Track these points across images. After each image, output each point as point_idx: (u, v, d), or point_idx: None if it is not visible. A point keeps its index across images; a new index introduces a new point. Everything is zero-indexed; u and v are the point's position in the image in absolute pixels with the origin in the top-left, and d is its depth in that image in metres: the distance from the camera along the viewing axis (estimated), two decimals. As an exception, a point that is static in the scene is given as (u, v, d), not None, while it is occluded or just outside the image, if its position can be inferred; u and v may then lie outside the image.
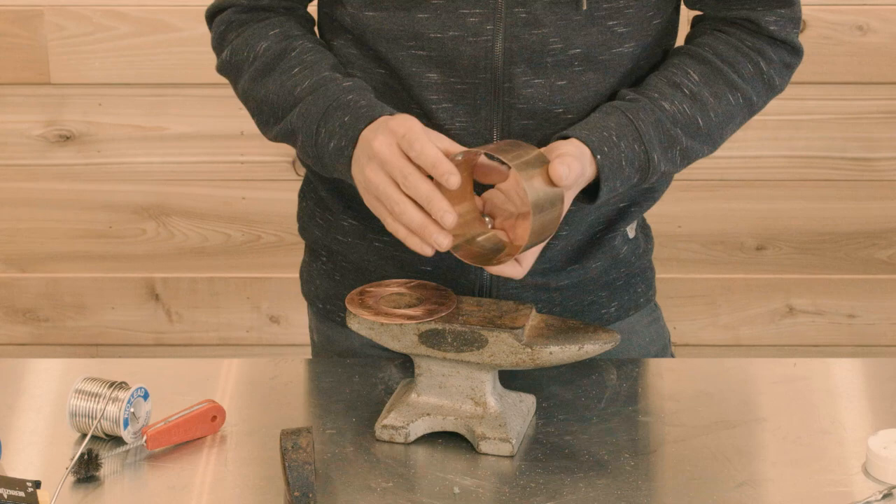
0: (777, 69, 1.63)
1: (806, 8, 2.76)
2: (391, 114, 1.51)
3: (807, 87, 2.80)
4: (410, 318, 1.48)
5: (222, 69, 1.67)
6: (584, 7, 1.54)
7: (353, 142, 1.50)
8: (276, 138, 1.62)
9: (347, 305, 1.51)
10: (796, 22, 1.62)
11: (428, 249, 1.44)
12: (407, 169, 1.43)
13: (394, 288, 1.54)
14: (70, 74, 2.85)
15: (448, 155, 1.44)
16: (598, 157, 1.51)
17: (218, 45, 1.67)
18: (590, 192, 1.54)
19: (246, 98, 1.64)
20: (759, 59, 1.61)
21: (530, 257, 1.49)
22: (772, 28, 1.60)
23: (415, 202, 1.43)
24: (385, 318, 1.48)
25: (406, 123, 1.45)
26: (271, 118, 1.61)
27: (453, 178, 1.40)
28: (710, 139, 1.61)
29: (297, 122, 1.56)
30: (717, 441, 1.51)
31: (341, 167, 1.52)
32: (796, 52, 1.64)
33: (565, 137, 1.53)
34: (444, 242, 1.43)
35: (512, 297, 1.68)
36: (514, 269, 1.48)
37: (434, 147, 1.42)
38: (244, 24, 1.65)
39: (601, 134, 1.52)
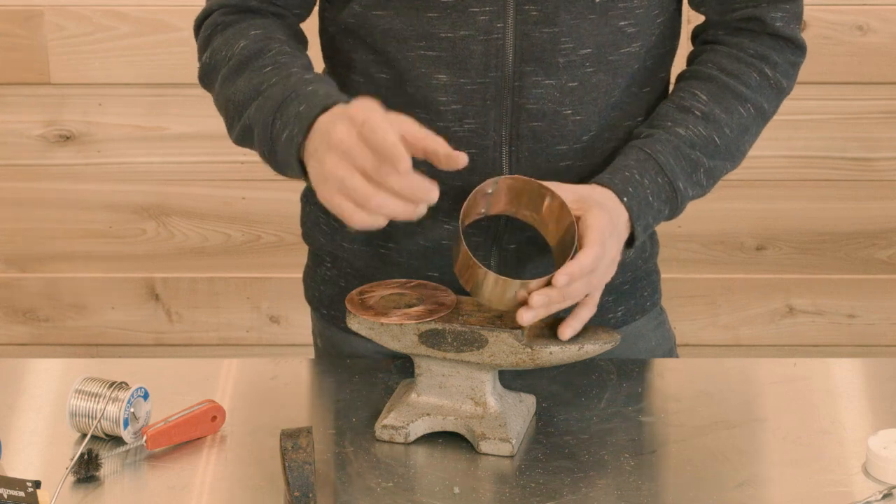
0: (783, 71, 1.63)
1: (806, 8, 2.74)
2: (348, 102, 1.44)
3: (807, 87, 2.80)
4: (410, 317, 1.48)
5: (202, 75, 1.63)
6: (598, 0, 1.53)
7: (305, 130, 1.42)
8: (237, 139, 1.56)
9: (347, 305, 1.50)
10: (799, 18, 1.62)
11: (422, 209, 1.37)
12: (371, 162, 1.35)
13: (394, 288, 1.54)
14: (70, 74, 2.85)
15: (413, 139, 1.37)
16: (625, 199, 1.52)
17: (201, 49, 1.64)
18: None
19: (218, 99, 1.59)
20: (764, 65, 1.61)
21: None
22: (777, 24, 1.60)
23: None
24: (385, 318, 1.48)
25: (365, 106, 1.38)
26: (235, 116, 1.55)
27: (403, 164, 1.33)
28: (730, 155, 1.61)
29: (254, 115, 1.51)
30: (717, 441, 1.51)
31: (293, 160, 1.44)
32: (800, 49, 1.64)
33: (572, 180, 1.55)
34: (434, 196, 1.36)
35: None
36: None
37: (394, 136, 1.34)
38: (229, 25, 1.61)
39: (623, 174, 1.54)
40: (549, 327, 1.50)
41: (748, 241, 2.94)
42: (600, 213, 1.47)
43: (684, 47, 1.68)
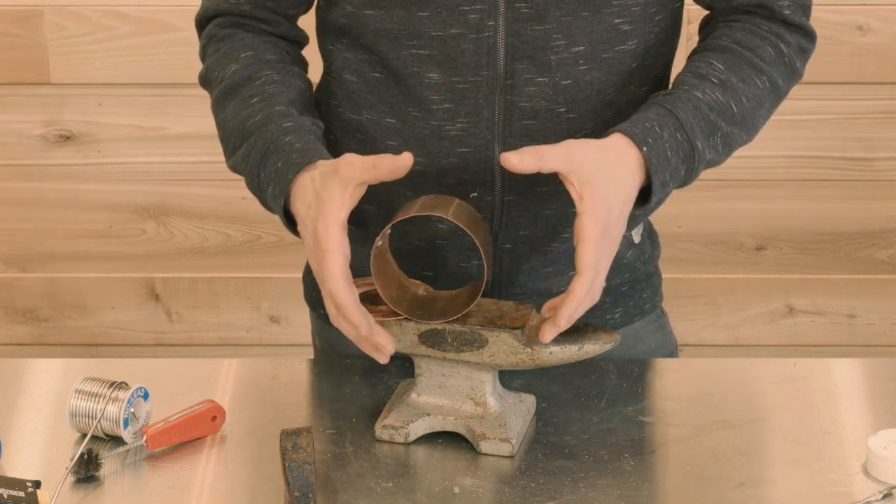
0: (795, 52, 1.60)
1: (807, 8, 2.76)
2: (321, 158, 1.50)
3: (807, 87, 2.78)
4: (381, 314, 1.48)
5: (201, 83, 1.68)
6: None
7: (284, 191, 1.50)
8: (231, 170, 1.62)
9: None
10: (806, 9, 1.61)
11: (380, 358, 1.48)
12: (333, 310, 1.46)
13: (368, 285, 1.54)
14: (70, 74, 2.85)
15: (371, 178, 1.44)
16: (644, 149, 1.48)
17: (201, 56, 1.69)
18: (640, 195, 1.52)
19: (214, 116, 1.64)
20: (779, 41, 1.59)
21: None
22: (785, 12, 1.59)
23: None
24: (376, 314, 1.48)
25: (322, 246, 1.44)
26: (227, 147, 1.61)
27: (362, 329, 1.45)
28: (745, 126, 1.58)
29: (240, 163, 1.57)
30: (717, 441, 1.51)
31: (280, 215, 1.52)
32: (810, 36, 1.62)
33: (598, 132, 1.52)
34: (385, 358, 1.47)
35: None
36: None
37: (341, 288, 1.43)
38: (223, 40, 1.65)
39: (643, 125, 1.50)
40: (549, 327, 1.50)
41: (748, 241, 2.94)
42: (595, 215, 1.43)
43: (685, 46, 1.68)
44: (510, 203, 1.60)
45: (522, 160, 1.43)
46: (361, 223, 1.65)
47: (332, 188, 1.45)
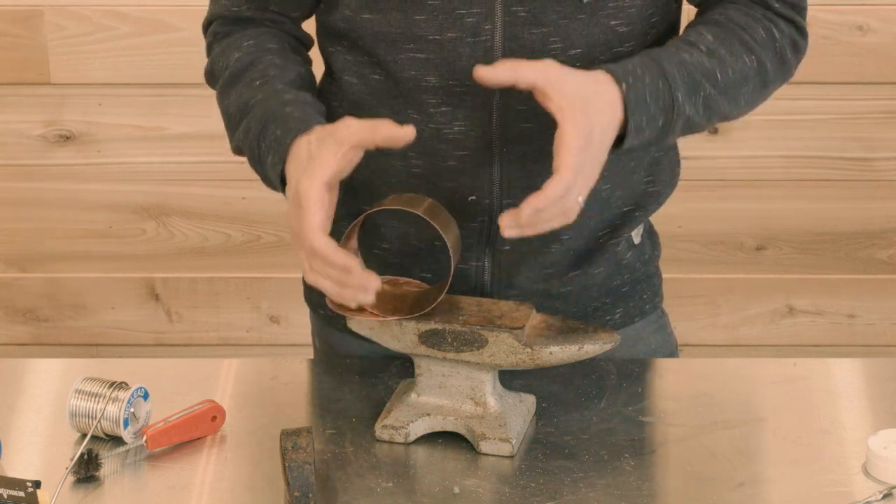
0: (787, 43, 1.60)
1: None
2: (320, 125, 1.50)
3: (806, 87, 2.80)
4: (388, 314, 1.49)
5: (206, 80, 1.69)
6: (585, 0, 1.53)
7: (283, 159, 1.50)
8: (234, 152, 1.62)
9: (329, 303, 1.51)
10: (799, 9, 1.60)
11: (364, 297, 1.45)
12: (309, 251, 1.44)
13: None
14: (70, 74, 2.85)
15: (363, 141, 1.44)
16: (623, 86, 1.47)
17: (207, 56, 1.69)
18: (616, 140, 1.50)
19: (219, 109, 1.64)
20: (772, 26, 1.58)
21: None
22: (776, 6, 1.59)
23: None
24: (359, 314, 1.48)
25: (303, 201, 1.43)
26: (230, 130, 1.61)
27: (353, 272, 1.43)
28: (729, 95, 1.56)
29: (241, 137, 1.57)
30: (717, 441, 1.51)
31: (279, 185, 1.52)
32: (802, 33, 1.61)
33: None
34: (368, 299, 1.45)
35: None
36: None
37: (322, 240, 1.42)
38: (226, 35, 1.65)
39: (626, 66, 1.49)
40: (549, 327, 1.50)
41: (748, 241, 2.94)
42: (578, 126, 1.42)
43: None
44: (508, 206, 1.60)
45: (497, 72, 1.44)
46: (365, 223, 1.65)
47: (326, 147, 1.45)
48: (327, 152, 1.45)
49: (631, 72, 1.49)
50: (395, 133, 1.44)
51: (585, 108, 1.44)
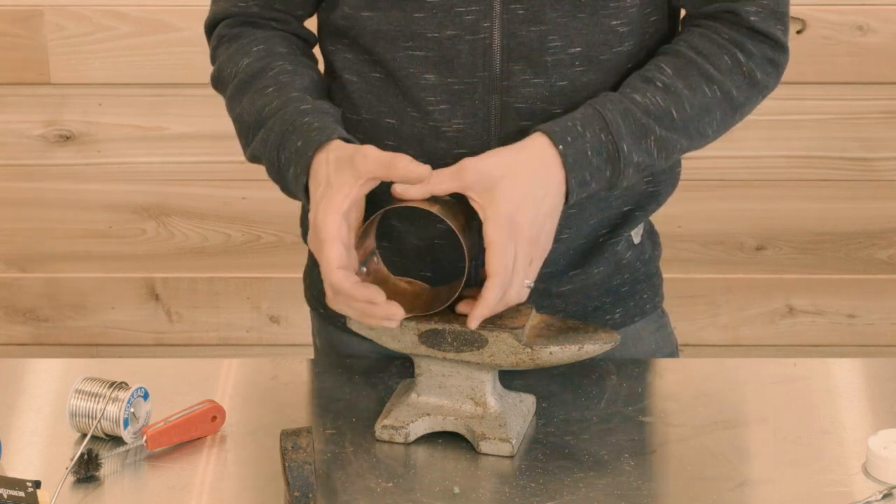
0: (758, 63, 1.58)
1: (806, 8, 2.75)
2: (339, 136, 1.51)
3: (807, 87, 2.80)
4: None
5: (213, 85, 1.68)
6: None
7: (306, 170, 1.51)
8: (249, 160, 1.62)
9: (327, 302, 1.51)
10: (779, 17, 1.58)
11: (389, 325, 1.47)
12: (334, 289, 1.46)
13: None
14: (70, 74, 2.85)
15: (386, 176, 1.45)
16: (561, 146, 1.49)
17: (211, 60, 1.69)
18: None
19: (229, 114, 1.65)
20: (737, 51, 1.57)
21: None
22: (752, 19, 1.56)
23: None
24: None
25: (321, 234, 1.44)
26: (243, 138, 1.61)
27: (378, 303, 1.45)
28: (687, 132, 1.56)
29: (259, 148, 1.57)
30: (717, 441, 1.51)
31: (302, 195, 1.53)
32: (780, 47, 1.59)
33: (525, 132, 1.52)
34: (395, 321, 1.46)
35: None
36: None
37: (341, 277, 1.43)
38: (233, 39, 1.65)
39: (565, 124, 1.51)
40: (549, 327, 1.50)
41: (748, 241, 2.94)
42: (498, 222, 1.45)
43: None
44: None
45: (406, 190, 1.47)
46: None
47: (343, 176, 1.46)
48: (344, 184, 1.46)
49: (570, 129, 1.50)
50: (411, 171, 1.45)
51: (508, 196, 1.46)
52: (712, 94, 1.56)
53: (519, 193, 1.47)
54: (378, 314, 1.45)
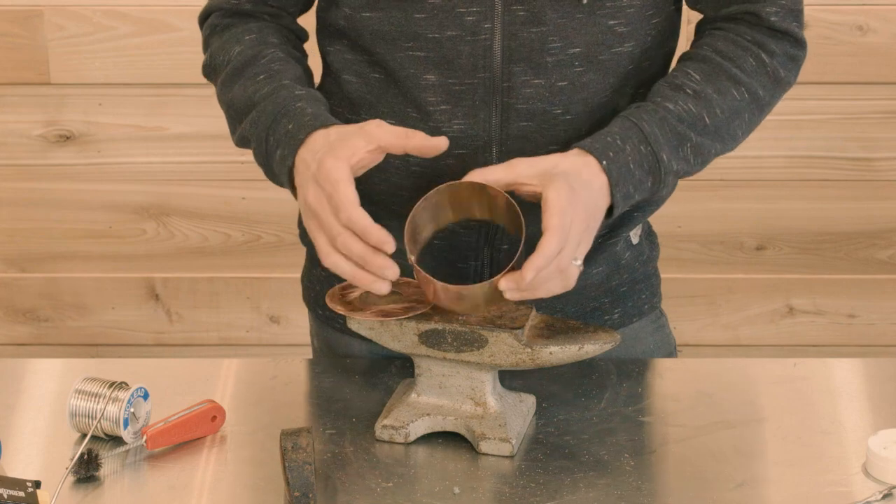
0: (781, 61, 1.60)
1: (806, 8, 2.74)
2: (335, 124, 1.50)
3: (807, 87, 2.80)
4: (384, 314, 1.48)
5: (205, 74, 1.69)
6: (584, 1, 1.53)
7: (294, 152, 1.50)
8: (237, 144, 1.62)
9: (327, 299, 1.51)
10: (797, 14, 1.61)
11: (380, 285, 1.43)
12: (335, 229, 1.43)
13: None
14: (70, 74, 2.85)
15: (393, 147, 1.44)
16: (604, 162, 1.49)
17: (204, 48, 1.69)
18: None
19: (219, 101, 1.64)
20: (761, 51, 1.59)
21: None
22: (773, 19, 1.59)
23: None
24: (359, 313, 1.48)
25: (332, 176, 1.43)
26: (233, 123, 1.61)
27: (387, 247, 1.42)
28: (720, 136, 1.58)
29: (249, 129, 1.56)
30: (717, 441, 1.51)
31: (285, 179, 1.52)
32: (799, 44, 1.62)
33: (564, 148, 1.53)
34: (391, 274, 1.43)
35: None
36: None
37: (361, 213, 1.41)
38: (226, 28, 1.65)
39: (605, 140, 1.51)
40: (549, 327, 1.50)
41: (748, 241, 2.94)
42: (559, 188, 1.44)
43: (684, 47, 1.67)
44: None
45: (489, 173, 1.46)
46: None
47: (352, 139, 1.46)
48: (354, 144, 1.45)
49: (611, 145, 1.50)
50: (427, 143, 1.45)
51: (561, 177, 1.45)
52: (741, 96, 1.58)
53: (576, 180, 1.46)
54: (375, 263, 1.42)
